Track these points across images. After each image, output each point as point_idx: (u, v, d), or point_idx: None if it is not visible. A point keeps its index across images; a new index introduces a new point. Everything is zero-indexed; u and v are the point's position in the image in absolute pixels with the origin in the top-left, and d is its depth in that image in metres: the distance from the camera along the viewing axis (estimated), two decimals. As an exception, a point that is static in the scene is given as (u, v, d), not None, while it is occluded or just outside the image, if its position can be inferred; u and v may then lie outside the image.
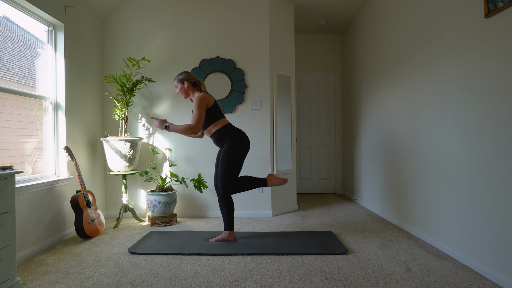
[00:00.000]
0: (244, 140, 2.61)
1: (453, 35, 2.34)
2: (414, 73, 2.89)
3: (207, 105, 2.57)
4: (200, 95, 2.57)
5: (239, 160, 2.56)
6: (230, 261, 2.32)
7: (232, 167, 2.53)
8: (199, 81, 2.74)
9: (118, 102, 3.38)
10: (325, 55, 5.23)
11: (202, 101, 2.53)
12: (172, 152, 3.72)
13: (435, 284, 1.93)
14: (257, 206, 3.71)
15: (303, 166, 5.23)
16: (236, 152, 2.54)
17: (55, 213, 2.79)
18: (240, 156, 2.56)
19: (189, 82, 2.68)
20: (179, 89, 2.70)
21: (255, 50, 3.72)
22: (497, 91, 1.94)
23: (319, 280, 2.00)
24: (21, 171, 1.86)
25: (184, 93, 2.70)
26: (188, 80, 2.69)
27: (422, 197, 2.76)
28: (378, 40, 3.70)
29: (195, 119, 2.49)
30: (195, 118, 2.49)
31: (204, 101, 2.54)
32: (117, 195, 3.72)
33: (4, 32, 2.50)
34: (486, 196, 2.03)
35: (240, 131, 2.64)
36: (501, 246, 1.91)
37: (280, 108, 3.86)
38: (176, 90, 2.75)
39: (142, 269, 2.19)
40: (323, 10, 4.28)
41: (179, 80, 2.69)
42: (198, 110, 2.50)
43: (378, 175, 3.73)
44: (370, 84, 3.94)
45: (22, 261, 2.36)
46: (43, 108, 2.87)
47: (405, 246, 2.60)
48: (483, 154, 2.05)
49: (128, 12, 3.74)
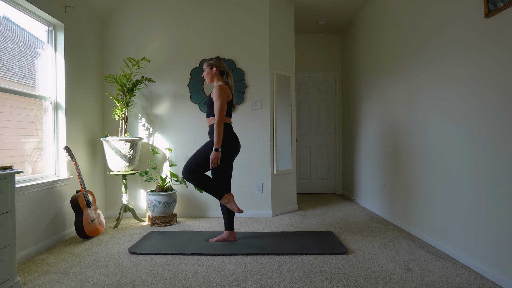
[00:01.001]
0: (231, 146, 2.60)
1: (453, 35, 2.34)
2: (414, 73, 2.89)
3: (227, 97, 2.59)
4: (221, 85, 2.59)
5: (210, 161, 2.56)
6: (230, 261, 2.32)
7: (202, 162, 2.55)
8: (227, 71, 2.74)
9: (118, 102, 3.38)
10: (325, 55, 5.23)
11: (223, 91, 2.55)
12: (172, 152, 3.72)
13: (435, 284, 1.93)
14: (257, 206, 3.71)
15: (303, 166, 5.23)
16: (216, 154, 2.51)
17: (55, 213, 2.79)
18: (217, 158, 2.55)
19: (218, 69, 2.69)
20: (207, 73, 2.71)
21: (255, 50, 3.72)
22: (498, 91, 1.94)
23: (319, 280, 2.00)
24: (21, 171, 1.86)
25: (210, 78, 2.71)
26: (218, 67, 2.69)
27: (422, 197, 2.76)
28: (378, 40, 3.70)
29: (218, 110, 2.50)
30: (218, 108, 2.50)
31: (225, 91, 2.56)
32: (117, 195, 3.72)
33: (4, 32, 2.50)
34: (486, 196, 2.03)
35: (233, 136, 2.63)
36: (501, 246, 1.91)
37: (280, 108, 3.86)
38: (203, 73, 2.75)
39: (142, 269, 2.19)
40: (323, 10, 4.28)
41: (209, 64, 2.70)
42: (220, 100, 2.52)
43: (378, 175, 3.73)
44: (370, 84, 3.94)
45: (22, 261, 2.36)
46: (43, 108, 2.87)
47: (405, 246, 2.60)
48: (483, 154, 2.05)
49: (128, 12, 3.74)
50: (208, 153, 2.56)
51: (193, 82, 3.71)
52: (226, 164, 2.65)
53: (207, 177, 2.59)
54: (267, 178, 3.71)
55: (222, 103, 2.52)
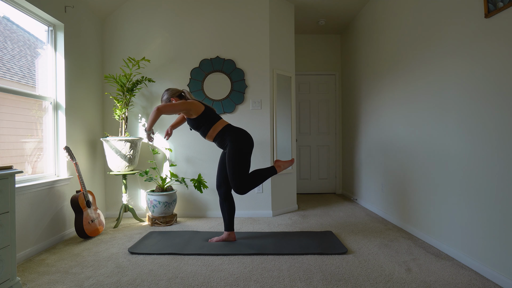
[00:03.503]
0: (246, 137, 2.57)
1: (453, 35, 2.34)
2: (414, 72, 2.89)
3: (195, 112, 2.52)
4: (189, 101, 2.54)
5: (245, 158, 2.52)
6: (230, 261, 2.32)
7: (240, 166, 2.49)
8: (182, 91, 2.68)
9: (118, 102, 3.38)
10: (325, 55, 5.23)
11: (186, 104, 2.48)
12: (172, 152, 3.72)
13: (435, 284, 1.93)
14: (257, 206, 3.71)
15: (303, 166, 5.22)
16: (240, 150, 2.50)
17: (55, 213, 2.79)
18: (245, 154, 2.52)
19: (175, 97, 2.63)
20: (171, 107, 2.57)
21: (255, 50, 3.72)
22: (498, 91, 1.94)
23: (319, 280, 2.00)
24: (21, 171, 1.86)
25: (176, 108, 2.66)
26: (173, 95, 2.63)
27: (422, 197, 2.76)
28: (378, 40, 3.70)
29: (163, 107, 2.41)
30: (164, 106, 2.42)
31: (187, 105, 2.48)
32: (117, 195, 3.72)
33: (4, 32, 2.50)
34: (486, 196, 2.03)
35: (240, 129, 2.61)
36: (501, 246, 1.91)
37: (280, 108, 3.86)
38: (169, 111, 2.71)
39: (142, 269, 2.19)
40: (323, 10, 4.28)
41: (166, 100, 2.63)
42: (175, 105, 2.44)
43: (378, 175, 3.73)
44: (370, 84, 3.94)
45: (22, 261, 2.36)
46: (43, 108, 2.87)
47: (405, 246, 2.60)
48: (483, 154, 2.05)
49: (128, 12, 3.74)
50: (234, 156, 2.49)
51: (193, 82, 3.71)
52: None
53: (253, 174, 2.55)
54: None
55: (174, 107, 2.44)
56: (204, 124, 2.57)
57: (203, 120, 2.56)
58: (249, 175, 2.54)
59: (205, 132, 2.59)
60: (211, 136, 2.60)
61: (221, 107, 3.70)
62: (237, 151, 2.50)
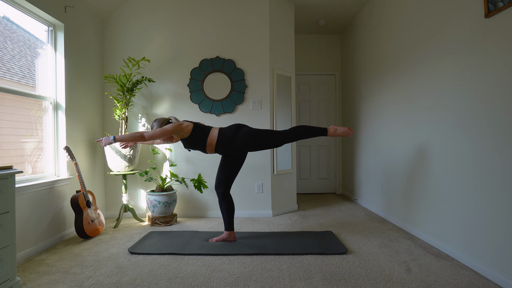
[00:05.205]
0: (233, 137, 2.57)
1: (453, 35, 2.34)
2: (414, 72, 2.89)
3: (186, 131, 2.52)
4: (177, 122, 2.54)
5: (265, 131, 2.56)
6: (230, 261, 2.32)
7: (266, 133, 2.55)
8: (169, 119, 2.65)
9: (118, 102, 3.38)
10: (325, 55, 5.23)
11: (175, 126, 2.48)
12: (172, 152, 3.72)
13: (435, 284, 1.93)
14: (257, 206, 3.71)
15: (303, 166, 5.22)
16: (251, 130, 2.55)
17: (55, 213, 2.79)
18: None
19: (164, 125, 2.59)
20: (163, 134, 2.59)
21: (255, 50, 3.72)
22: (498, 91, 1.94)
23: (319, 280, 2.00)
24: (21, 171, 1.86)
25: (167, 138, 2.67)
26: (162, 125, 2.59)
27: (422, 197, 2.76)
28: (378, 40, 3.70)
29: (152, 134, 2.45)
30: (153, 133, 2.45)
31: (177, 126, 2.49)
32: (117, 195, 3.72)
33: (4, 32, 2.50)
34: (486, 196, 2.03)
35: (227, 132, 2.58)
36: (501, 246, 1.91)
37: (280, 108, 3.86)
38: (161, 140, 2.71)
39: (142, 269, 2.19)
40: (323, 10, 4.28)
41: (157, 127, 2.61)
42: (161, 130, 2.45)
43: (378, 175, 3.73)
44: (370, 84, 3.94)
45: (22, 261, 2.36)
46: (43, 108, 2.87)
47: (405, 246, 2.60)
48: (483, 154, 2.05)
49: (128, 12, 3.74)
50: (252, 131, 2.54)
51: (193, 82, 3.71)
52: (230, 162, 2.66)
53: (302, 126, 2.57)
54: (267, 178, 3.71)
55: (160, 132, 2.45)
56: (199, 138, 2.56)
57: (196, 135, 2.55)
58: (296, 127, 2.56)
59: (202, 147, 2.58)
60: (212, 148, 2.59)
61: (221, 107, 3.70)
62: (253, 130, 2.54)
